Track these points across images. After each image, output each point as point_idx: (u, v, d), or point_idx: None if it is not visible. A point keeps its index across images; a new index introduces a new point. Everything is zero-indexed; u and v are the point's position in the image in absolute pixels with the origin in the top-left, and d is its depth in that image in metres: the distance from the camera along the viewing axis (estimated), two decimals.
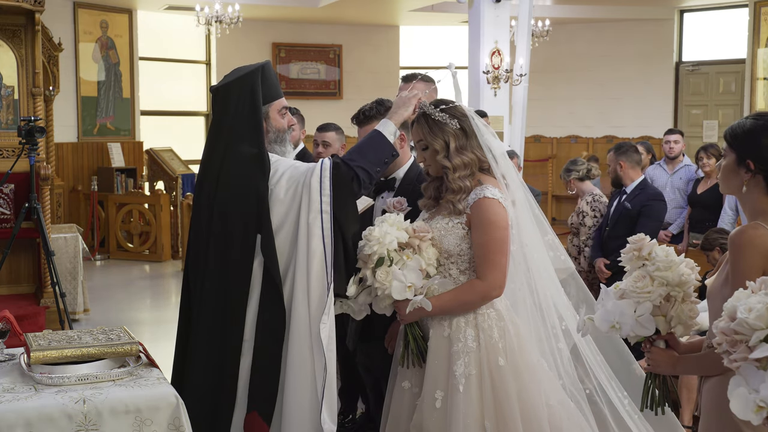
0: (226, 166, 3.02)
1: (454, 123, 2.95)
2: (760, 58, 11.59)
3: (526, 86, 10.27)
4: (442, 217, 2.96)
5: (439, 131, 2.94)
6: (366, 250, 2.87)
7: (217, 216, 3.00)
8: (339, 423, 4.72)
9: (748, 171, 2.36)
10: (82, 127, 11.49)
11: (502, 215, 2.89)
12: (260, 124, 3.05)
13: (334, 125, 5.03)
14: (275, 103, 3.14)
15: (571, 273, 3.23)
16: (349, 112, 3.95)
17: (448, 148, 2.93)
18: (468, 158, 2.93)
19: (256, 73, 3.09)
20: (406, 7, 12.76)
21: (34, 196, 5.99)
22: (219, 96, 3.12)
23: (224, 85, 3.13)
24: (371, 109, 3.43)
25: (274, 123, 3.13)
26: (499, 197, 2.90)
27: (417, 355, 2.93)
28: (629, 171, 5.62)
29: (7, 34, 6.69)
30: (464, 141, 2.94)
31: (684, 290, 2.44)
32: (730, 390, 1.89)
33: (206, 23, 11.11)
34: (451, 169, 2.92)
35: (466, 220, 2.91)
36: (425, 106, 3.00)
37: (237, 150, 3.02)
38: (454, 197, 2.92)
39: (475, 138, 2.97)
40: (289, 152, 3.20)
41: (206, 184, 3.07)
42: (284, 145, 3.16)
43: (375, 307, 2.95)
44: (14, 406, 2.47)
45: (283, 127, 3.16)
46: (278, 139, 3.14)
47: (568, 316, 3.06)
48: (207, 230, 3.03)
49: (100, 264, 10.40)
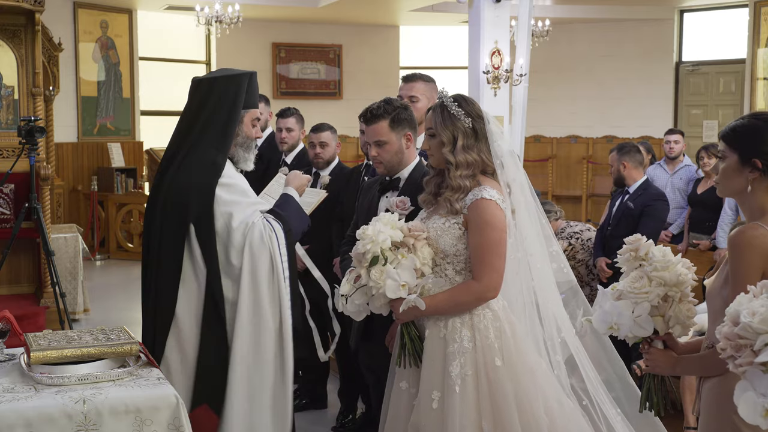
0: (188, 161, 3.16)
1: (467, 121, 2.95)
2: (760, 58, 11.59)
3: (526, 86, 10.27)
4: (439, 216, 2.96)
5: (450, 124, 2.95)
6: (359, 249, 2.86)
7: (168, 202, 3.17)
8: (339, 423, 4.74)
9: (754, 170, 2.35)
10: (82, 127, 11.49)
11: (499, 217, 2.89)
12: (233, 126, 3.20)
13: (327, 125, 5.04)
14: (251, 111, 3.29)
15: (572, 286, 3.22)
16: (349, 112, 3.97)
17: (455, 144, 2.93)
18: (472, 158, 2.93)
19: (244, 77, 3.23)
20: (406, 7, 12.75)
21: (34, 196, 5.99)
22: (201, 88, 3.26)
23: (209, 79, 3.29)
24: (379, 108, 3.43)
25: (246, 129, 3.28)
26: (497, 199, 2.89)
27: (414, 355, 2.92)
28: (632, 171, 5.63)
29: (7, 34, 6.69)
30: (472, 141, 2.94)
31: (681, 290, 2.44)
32: (737, 395, 1.88)
33: (206, 23, 11.11)
34: (453, 165, 2.92)
35: (463, 220, 2.91)
36: (445, 96, 3.00)
37: (201, 150, 3.16)
38: (453, 195, 2.92)
39: (485, 142, 2.97)
40: (251, 161, 3.33)
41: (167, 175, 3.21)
42: (248, 152, 3.31)
43: (371, 307, 2.95)
44: (14, 406, 2.47)
45: (251, 135, 3.31)
46: (245, 144, 3.29)
47: (567, 327, 3.06)
48: (161, 211, 3.18)
49: (100, 264, 10.40)
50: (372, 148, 3.45)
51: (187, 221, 3.08)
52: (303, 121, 5.53)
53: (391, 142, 3.42)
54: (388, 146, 3.42)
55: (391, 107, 3.45)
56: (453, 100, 2.98)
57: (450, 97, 2.99)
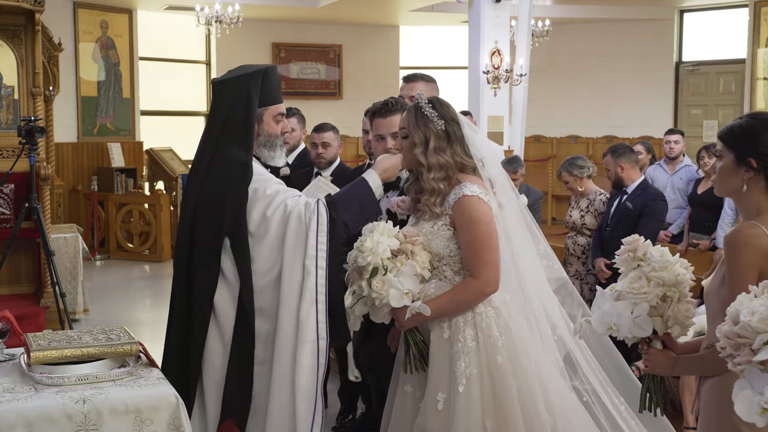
0: (214, 164, 3.07)
1: (440, 123, 2.94)
2: (760, 58, 11.59)
3: (526, 86, 10.28)
4: (426, 221, 2.96)
5: (422, 125, 2.94)
6: (360, 262, 2.84)
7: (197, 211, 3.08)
8: (339, 423, 4.73)
9: (749, 170, 2.35)
10: (82, 127, 11.49)
11: (484, 210, 2.88)
12: (251, 127, 3.09)
13: (330, 125, 5.03)
14: (271, 108, 3.16)
15: (564, 283, 3.22)
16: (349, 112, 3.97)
17: (427, 145, 2.93)
18: (444, 160, 2.91)
19: (256, 75, 3.12)
20: (406, 7, 12.76)
21: (34, 196, 5.99)
22: (218, 89, 3.17)
23: (224, 80, 3.18)
24: (396, 102, 3.44)
25: (267, 127, 3.15)
26: (479, 193, 2.88)
27: (419, 359, 2.92)
28: (630, 172, 5.63)
29: (7, 34, 6.70)
30: (444, 143, 2.93)
31: (680, 290, 2.44)
32: (735, 393, 1.89)
33: (206, 23, 11.12)
34: (425, 167, 2.92)
35: (450, 221, 2.91)
36: (420, 97, 3.00)
37: (226, 151, 3.07)
38: (429, 200, 2.92)
39: (460, 144, 2.95)
40: (278, 157, 3.22)
41: (195, 179, 3.13)
42: (273, 150, 3.19)
43: (373, 317, 2.94)
44: (14, 406, 2.47)
45: (275, 132, 3.18)
46: (268, 143, 3.17)
47: (561, 325, 3.05)
48: (190, 221, 3.10)
49: (100, 264, 10.40)
50: (388, 140, 3.42)
51: (222, 233, 3.00)
52: (304, 121, 5.53)
53: None
54: None
55: (404, 103, 3.46)
56: (428, 102, 2.97)
57: (425, 99, 2.99)
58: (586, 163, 5.83)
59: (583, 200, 5.81)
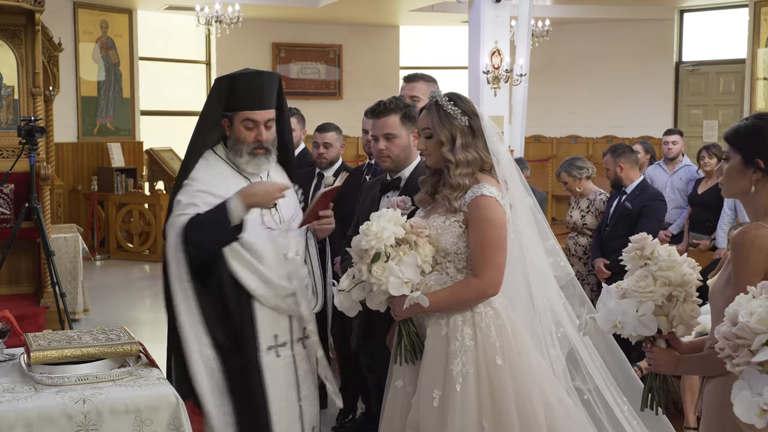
0: None
1: (464, 119, 2.94)
2: (760, 58, 11.59)
3: (526, 86, 10.27)
4: (438, 215, 2.95)
5: (447, 123, 2.93)
6: (363, 245, 2.83)
7: None
8: (339, 423, 4.73)
9: (757, 171, 2.34)
10: (82, 127, 11.49)
11: (500, 213, 2.88)
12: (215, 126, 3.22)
13: (333, 125, 5.03)
14: (240, 113, 3.18)
15: (571, 279, 3.21)
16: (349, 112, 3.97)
17: (454, 143, 2.92)
18: (471, 156, 2.92)
19: (225, 79, 3.22)
20: (406, 7, 12.76)
21: (34, 196, 5.99)
22: None
23: (216, 79, 3.32)
24: (391, 103, 3.44)
25: (237, 132, 3.20)
26: (497, 195, 2.89)
27: (410, 351, 2.91)
28: (629, 172, 5.63)
29: (7, 34, 6.69)
30: (470, 139, 2.94)
31: (686, 290, 2.43)
32: (734, 394, 1.88)
33: (206, 23, 11.11)
34: (453, 164, 2.91)
35: (463, 218, 2.90)
36: (438, 95, 2.99)
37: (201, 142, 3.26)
38: (451, 194, 2.91)
39: (482, 139, 2.96)
40: (245, 164, 3.22)
41: None
42: (240, 156, 3.20)
43: (368, 303, 2.92)
44: (14, 406, 2.47)
45: (242, 138, 3.19)
46: (234, 147, 3.21)
47: (566, 322, 3.05)
48: None
49: (100, 264, 10.39)
50: (380, 141, 3.44)
51: None
52: (304, 121, 5.53)
53: (401, 137, 3.43)
54: (398, 140, 3.42)
55: (402, 103, 3.46)
56: (448, 98, 2.97)
57: (444, 96, 2.98)
58: (585, 164, 5.83)
59: (584, 200, 5.81)
